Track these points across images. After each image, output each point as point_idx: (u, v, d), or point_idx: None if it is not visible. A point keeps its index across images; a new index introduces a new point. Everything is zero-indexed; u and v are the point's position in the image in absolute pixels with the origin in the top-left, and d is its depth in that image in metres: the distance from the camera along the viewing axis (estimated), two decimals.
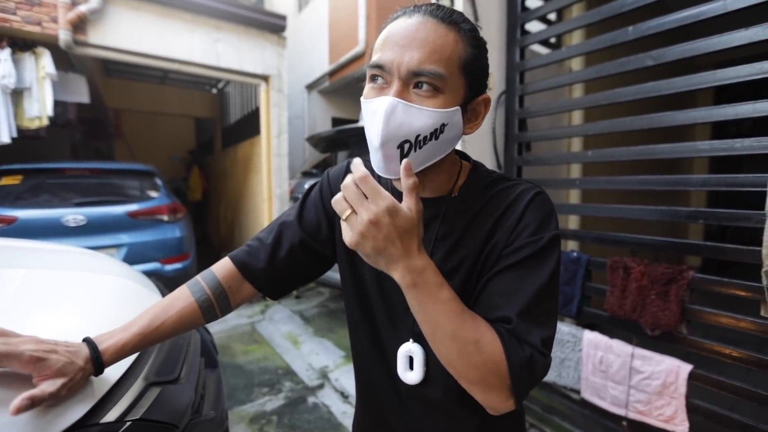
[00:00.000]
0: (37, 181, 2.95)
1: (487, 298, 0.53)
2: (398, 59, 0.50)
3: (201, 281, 0.65)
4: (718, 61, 3.28)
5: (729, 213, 1.36)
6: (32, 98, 3.01)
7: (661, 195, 3.63)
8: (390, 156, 0.52)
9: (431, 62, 0.49)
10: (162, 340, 0.63)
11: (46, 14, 2.94)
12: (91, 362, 0.56)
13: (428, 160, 0.54)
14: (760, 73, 1.25)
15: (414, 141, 0.51)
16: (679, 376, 1.47)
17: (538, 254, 0.52)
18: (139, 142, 7.30)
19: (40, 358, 0.51)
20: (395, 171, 0.52)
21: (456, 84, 0.52)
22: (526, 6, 2.04)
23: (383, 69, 0.51)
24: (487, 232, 0.56)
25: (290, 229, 0.68)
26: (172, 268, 3.25)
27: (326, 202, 0.69)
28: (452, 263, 0.57)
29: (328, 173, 0.72)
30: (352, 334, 0.72)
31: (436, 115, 0.50)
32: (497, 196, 0.58)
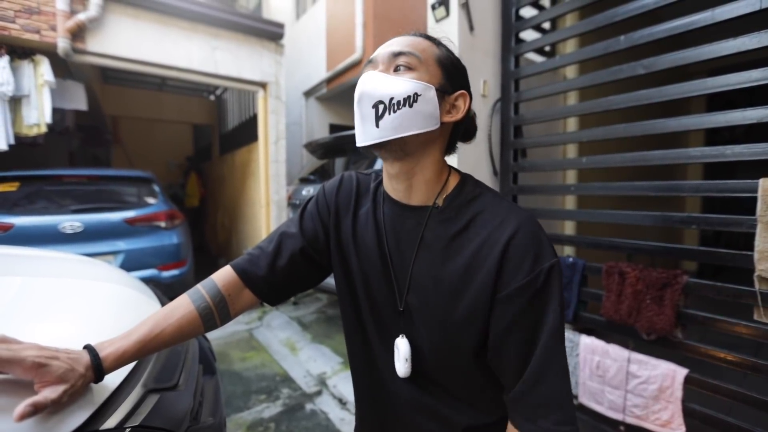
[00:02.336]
0: (34, 188, 2.95)
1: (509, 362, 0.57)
2: (383, 51, 0.61)
3: (201, 289, 0.66)
4: (711, 68, 3.33)
5: (721, 218, 1.38)
6: (30, 106, 3.01)
7: (656, 200, 3.66)
8: (365, 116, 0.58)
9: (408, 47, 0.60)
10: (162, 348, 0.63)
11: (45, 22, 2.96)
12: (92, 369, 0.56)
13: (402, 128, 0.57)
14: (749, 81, 1.27)
15: (388, 103, 0.56)
16: (675, 381, 1.48)
17: (546, 288, 0.54)
18: (136, 148, 7.30)
19: (42, 364, 0.52)
20: (371, 135, 0.58)
21: (431, 69, 0.60)
22: (520, 15, 2.07)
23: (372, 60, 0.62)
24: (466, 260, 0.58)
25: (291, 238, 0.70)
26: (170, 274, 3.24)
27: (322, 214, 0.72)
28: (433, 273, 0.60)
29: (323, 187, 0.75)
30: (348, 340, 0.75)
31: (408, 84, 0.57)
32: (480, 219, 0.59)
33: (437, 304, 0.60)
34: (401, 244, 0.64)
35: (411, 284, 0.62)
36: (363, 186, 0.73)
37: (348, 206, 0.71)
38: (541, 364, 0.53)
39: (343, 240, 0.70)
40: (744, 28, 1.29)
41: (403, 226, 0.64)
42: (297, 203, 3.87)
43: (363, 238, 0.67)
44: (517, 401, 0.55)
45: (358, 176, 0.74)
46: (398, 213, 0.65)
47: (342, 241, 0.70)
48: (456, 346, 0.60)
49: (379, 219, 0.67)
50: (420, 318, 0.62)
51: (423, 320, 0.62)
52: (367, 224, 0.68)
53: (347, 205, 0.71)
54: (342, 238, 0.70)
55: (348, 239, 0.69)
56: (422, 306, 0.61)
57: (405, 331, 0.64)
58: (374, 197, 0.70)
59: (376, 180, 0.72)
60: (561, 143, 2.64)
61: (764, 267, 1.22)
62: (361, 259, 0.67)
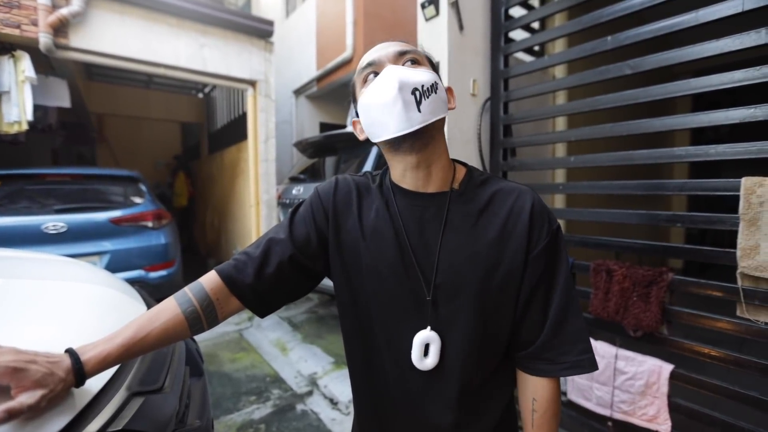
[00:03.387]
0: (15, 187, 2.87)
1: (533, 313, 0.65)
2: (384, 52, 0.65)
3: (188, 293, 0.65)
4: (697, 69, 3.40)
5: (705, 216, 1.41)
6: (11, 102, 2.94)
7: (644, 199, 3.72)
8: (408, 102, 0.59)
9: (409, 47, 0.66)
10: (146, 352, 0.62)
11: (26, 17, 2.88)
12: (73, 373, 0.55)
13: (435, 111, 0.62)
14: (731, 82, 1.30)
15: (422, 89, 0.60)
16: (661, 376, 1.51)
17: (557, 244, 0.65)
18: (122, 147, 7.18)
19: (19, 369, 0.50)
20: (415, 119, 0.59)
21: (428, 66, 0.67)
22: (509, 15, 2.08)
23: (374, 63, 0.65)
24: (497, 231, 0.63)
25: (279, 245, 0.68)
26: (157, 275, 3.19)
27: (317, 218, 0.70)
28: (468, 251, 0.63)
29: (317, 190, 0.73)
30: (349, 344, 0.74)
31: (429, 73, 0.63)
32: (500, 195, 0.66)
33: (473, 279, 0.62)
34: (425, 232, 0.65)
35: (439, 269, 0.63)
36: (363, 186, 0.72)
37: (349, 207, 0.70)
38: (563, 308, 0.64)
39: (347, 241, 0.69)
40: (727, 30, 1.31)
41: (423, 214, 0.66)
42: (287, 202, 3.84)
43: (376, 235, 0.67)
44: (543, 348, 0.64)
45: (354, 178, 0.74)
46: (416, 202, 0.66)
47: (344, 242, 0.69)
48: (490, 322, 0.64)
49: (393, 212, 0.67)
50: (451, 302, 0.63)
51: (456, 303, 0.63)
52: (378, 221, 0.67)
53: (348, 207, 0.70)
54: (344, 240, 0.69)
55: (354, 239, 0.68)
56: (456, 286, 0.63)
57: (432, 322, 0.64)
58: (381, 193, 0.70)
59: (375, 179, 0.73)
60: (550, 142, 2.67)
61: (746, 264, 1.25)
62: (373, 257, 0.66)
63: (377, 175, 0.73)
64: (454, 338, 0.63)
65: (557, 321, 0.63)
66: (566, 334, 0.63)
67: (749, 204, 1.24)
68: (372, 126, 0.64)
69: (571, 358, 0.63)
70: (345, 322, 0.73)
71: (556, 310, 0.64)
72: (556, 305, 0.64)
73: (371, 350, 0.69)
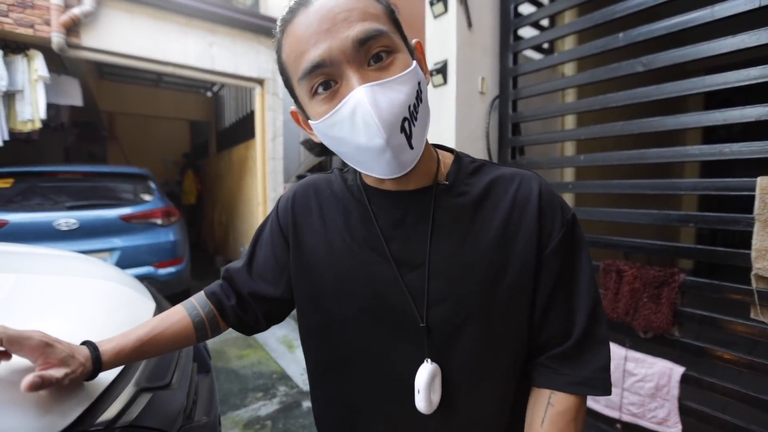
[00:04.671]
0: (28, 185, 2.92)
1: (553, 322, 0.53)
2: (335, 43, 0.42)
3: (194, 302, 0.67)
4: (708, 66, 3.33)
5: (718, 216, 1.38)
6: (24, 101, 2.98)
7: (653, 198, 3.66)
8: (398, 147, 0.44)
9: (368, 22, 0.43)
10: (157, 354, 0.63)
11: (39, 17, 2.93)
12: (91, 361, 0.56)
13: (425, 128, 0.48)
14: (747, 79, 1.27)
15: (410, 114, 0.44)
16: (672, 379, 1.48)
17: (575, 236, 0.53)
18: (132, 145, 7.26)
19: (49, 344, 0.52)
20: (408, 161, 0.46)
21: (397, 38, 0.46)
22: (519, 12, 2.06)
23: (325, 64, 0.43)
24: (499, 229, 0.51)
25: (242, 277, 0.66)
26: (166, 272, 3.23)
27: (274, 237, 0.63)
28: (465, 258, 0.51)
29: (277, 203, 0.65)
30: (318, 385, 0.62)
31: (410, 77, 0.45)
32: (498, 183, 0.54)
33: (475, 292, 0.50)
34: (410, 240, 0.52)
35: (431, 285, 0.51)
36: (325, 190, 0.60)
37: (308, 219, 0.59)
38: (590, 314, 0.52)
39: (309, 260, 0.58)
40: (743, 26, 1.28)
41: (405, 217, 0.53)
42: None
43: (345, 249, 0.55)
44: (568, 357, 0.52)
45: (315, 181, 0.62)
46: (394, 204, 0.54)
47: (307, 262, 0.58)
48: (500, 343, 0.52)
49: (367, 219, 0.54)
50: (449, 324, 0.51)
51: (454, 324, 0.51)
52: (348, 231, 0.55)
53: (306, 219, 0.59)
54: (306, 259, 0.58)
55: (318, 257, 0.57)
56: (454, 304, 0.51)
57: (430, 353, 0.51)
58: (352, 196, 0.57)
59: (346, 177, 0.60)
60: (559, 141, 2.64)
61: (761, 265, 1.22)
62: (343, 277, 0.55)
63: (346, 171, 0.61)
64: (456, 365, 0.51)
65: (584, 333, 0.52)
66: (590, 345, 0.52)
67: (764, 204, 1.22)
68: (343, 155, 0.50)
69: (585, 373, 0.51)
70: (310, 358, 0.61)
71: (582, 319, 0.52)
72: (581, 312, 0.52)
73: (352, 390, 0.57)
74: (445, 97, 1.97)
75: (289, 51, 0.46)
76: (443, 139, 1.93)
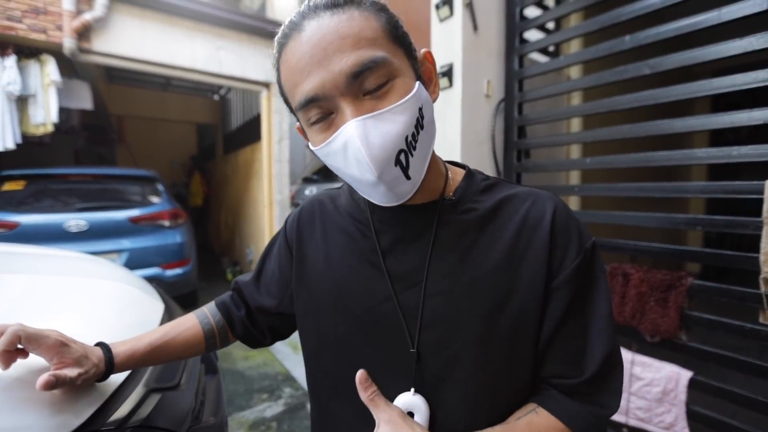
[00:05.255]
0: (39, 187, 2.98)
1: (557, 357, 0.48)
2: (327, 76, 0.40)
3: (206, 311, 0.68)
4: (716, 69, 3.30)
5: (726, 220, 1.37)
6: (37, 105, 3.04)
7: (660, 201, 3.63)
8: (393, 180, 0.43)
9: (362, 51, 0.40)
10: (167, 360, 0.64)
11: (52, 22, 2.98)
12: (104, 362, 0.57)
13: (427, 154, 0.46)
14: (755, 81, 1.26)
15: (406, 146, 0.42)
16: (679, 383, 1.47)
17: (593, 268, 0.48)
18: (141, 147, 7.35)
19: (65, 343, 0.53)
20: (404, 192, 0.44)
21: (399, 59, 0.43)
22: (524, 15, 2.06)
23: (319, 99, 0.41)
24: (506, 251, 0.47)
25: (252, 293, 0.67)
26: (173, 273, 3.26)
27: (282, 254, 0.63)
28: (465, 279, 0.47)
29: (287, 219, 0.65)
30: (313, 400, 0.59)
31: (408, 105, 0.42)
32: (508, 202, 0.50)
33: (474, 318, 0.46)
34: (407, 256, 0.50)
35: (425, 305, 0.47)
36: (329, 205, 0.59)
37: (312, 230, 0.58)
38: (606, 359, 0.46)
39: (311, 276, 0.56)
40: (751, 28, 1.27)
41: (405, 232, 0.50)
42: (299, 203, 3.88)
43: (344, 264, 0.53)
44: (572, 393, 0.48)
45: (321, 198, 0.62)
46: (396, 218, 0.51)
47: (308, 278, 0.57)
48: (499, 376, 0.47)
49: (367, 233, 0.53)
50: (443, 351, 0.47)
51: (449, 353, 0.46)
52: (348, 245, 0.54)
53: (311, 230, 0.58)
54: (308, 275, 0.57)
55: (319, 272, 0.55)
56: (450, 329, 0.47)
57: (416, 382, 0.47)
58: (355, 209, 0.55)
59: (350, 191, 0.58)
60: (565, 144, 2.63)
61: None
62: (340, 292, 0.53)
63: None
64: (448, 402, 0.47)
65: (596, 376, 0.46)
66: (601, 392, 0.47)
67: None
68: (345, 179, 0.48)
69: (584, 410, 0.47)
70: (309, 379, 0.59)
71: (596, 361, 0.46)
72: (596, 354, 0.46)
73: (338, 413, 0.53)
74: (450, 101, 1.97)
75: (284, 79, 0.45)
76: (449, 141, 1.94)
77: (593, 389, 0.47)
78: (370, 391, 0.46)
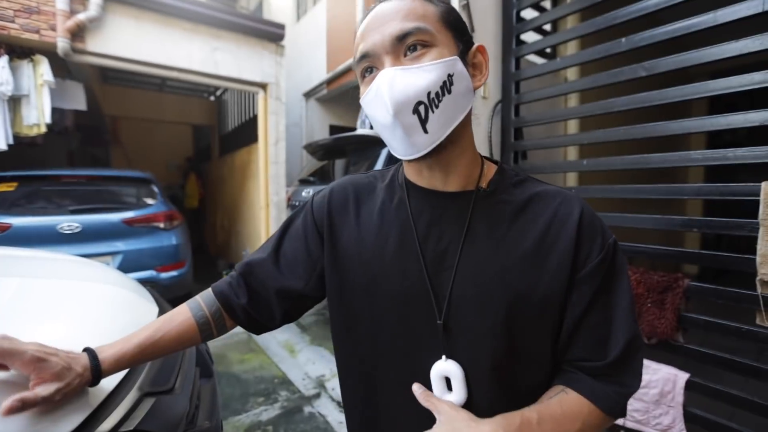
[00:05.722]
0: (32, 188, 2.94)
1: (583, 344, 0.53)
2: (379, 37, 0.50)
3: (200, 300, 0.66)
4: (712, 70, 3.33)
5: (722, 222, 1.37)
6: (30, 105, 3.01)
7: (657, 203, 3.65)
8: (409, 126, 0.48)
9: (409, 21, 0.49)
10: (160, 355, 0.63)
11: (45, 22, 2.95)
12: (90, 370, 0.56)
13: (451, 120, 0.50)
14: (751, 83, 1.27)
15: (428, 101, 0.48)
16: (677, 385, 1.47)
17: (615, 263, 0.53)
18: (136, 149, 7.29)
19: (42, 359, 0.52)
20: (421, 144, 0.49)
21: (443, 37, 0.51)
22: (521, 17, 2.07)
23: (368, 55, 0.51)
24: (535, 243, 0.52)
25: (267, 272, 0.64)
26: (168, 276, 3.23)
27: (309, 236, 0.63)
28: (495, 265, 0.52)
29: (311, 202, 0.66)
30: (346, 381, 0.64)
31: (438, 67, 0.48)
32: (539, 198, 0.55)
33: (501, 302, 0.50)
34: (442, 239, 0.54)
35: (455, 285, 0.52)
36: (364, 189, 0.63)
37: (345, 218, 0.61)
38: (629, 344, 0.51)
39: (344, 254, 0.59)
40: (746, 31, 1.28)
41: (441, 216, 0.55)
42: (296, 204, 3.86)
43: (379, 242, 0.57)
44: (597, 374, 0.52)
45: (354, 179, 0.65)
46: (432, 204, 0.55)
47: (342, 259, 0.60)
48: (524, 355, 0.52)
49: (404, 215, 0.56)
50: (471, 329, 0.52)
51: (476, 330, 0.51)
52: (384, 226, 0.57)
53: (344, 217, 0.61)
54: (342, 256, 0.60)
55: (352, 254, 0.59)
56: (478, 309, 0.51)
57: (447, 351, 0.52)
58: (392, 192, 0.60)
59: (385, 176, 0.63)
60: (562, 145, 2.64)
61: (767, 271, 1.21)
62: (374, 268, 0.56)
63: (388, 171, 0.64)
64: (479, 369, 0.52)
65: (620, 359, 0.51)
66: (624, 372, 0.52)
67: None
68: (378, 132, 0.54)
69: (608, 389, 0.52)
70: (341, 353, 0.63)
71: (618, 346, 0.51)
72: (618, 339, 0.51)
73: (375, 388, 0.58)
74: None
75: (355, 44, 0.54)
76: None
77: (616, 371, 0.52)
78: (426, 396, 0.51)
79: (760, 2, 1.23)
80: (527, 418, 0.47)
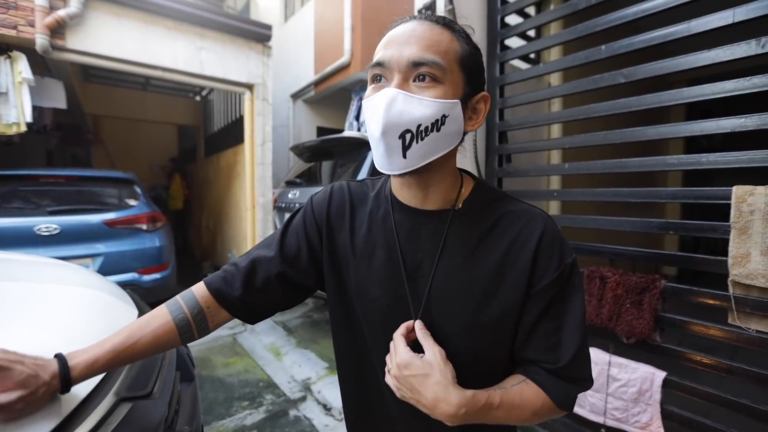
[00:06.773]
0: (8, 188, 2.85)
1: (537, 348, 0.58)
2: (397, 54, 0.52)
3: (180, 301, 0.65)
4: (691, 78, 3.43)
5: (697, 224, 1.42)
6: (9, 104, 2.92)
7: (638, 206, 3.74)
8: (391, 147, 0.52)
9: (430, 53, 0.51)
10: (137, 359, 0.62)
11: (23, 18, 2.87)
12: (59, 378, 0.54)
13: (430, 154, 0.54)
14: (722, 92, 1.31)
15: (415, 131, 0.51)
16: (654, 383, 1.51)
17: (570, 281, 0.57)
18: (118, 148, 7.14)
19: (3, 368, 0.50)
20: (396, 166, 0.53)
21: (455, 77, 0.54)
22: (506, 22, 2.10)
23: (383, 66, 0.53)
24: (497, 262, 0.57)
25: (268, 263, 0.66)
26: (151, 278, 3.17)
27: (309, 232, 0.67)
28: (461, 280, 0.58)
29: (311, 200, 0.70)
30: (342, 364, 0.71)
31: (436, 106, 0.51)
32: (507, 218, 0.59)
33: (464, 310, 0.57)
34: (419, 253, 0.60)
35: (431, 296, 0.58)
36: (357, 195, 0.68)
37: (342, 221, 0.66)
38: (577, 353, 0.56)
39: (339, 254, 0.66)
40: (721, 40, 1.33)
41: (419, 233, 0.60)
42: (283, 206, 3.84)
43: (367, 251, 0.63)
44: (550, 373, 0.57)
45: (350, 185, 0.70)
46: (412, 219, 0.61)
47: (337, 255, 0.66)
48: (482, 354, 0.59)
49: (389, 228, 0.62)
50: (440, 330, 0.58)
51: (445, 332, 0.58)
52: (371, 236, 0.63)
53: (341, 220, 0.66)
54: (337, 253, 0.66)
55: (346, 256, 0.65)
56: (446, 316, 0.58)
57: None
58: (378, 205, 0.65)
59: (375, 186, 0.68)
60: (545, 149, 2.68)
61: (737, 272, 1.26)
62: (362, 275, 0.63)
63: (378, 181, 0.69)
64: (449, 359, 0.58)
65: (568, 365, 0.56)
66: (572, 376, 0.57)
67: (740, 213, 1.26)
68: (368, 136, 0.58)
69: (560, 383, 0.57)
70: (338, 341, 0.70)
71: (568, 354, 0.56)
72: (569, 347, 0.56)
73: (366, 371, 0.67)
74: None
75: (378, 47, 0.56)
76: None
77: (567, 373, 0.57)
78: (425, 334, 0.56)
79: (731, 14, 1.28)
80: (490, 401, 0.53)
